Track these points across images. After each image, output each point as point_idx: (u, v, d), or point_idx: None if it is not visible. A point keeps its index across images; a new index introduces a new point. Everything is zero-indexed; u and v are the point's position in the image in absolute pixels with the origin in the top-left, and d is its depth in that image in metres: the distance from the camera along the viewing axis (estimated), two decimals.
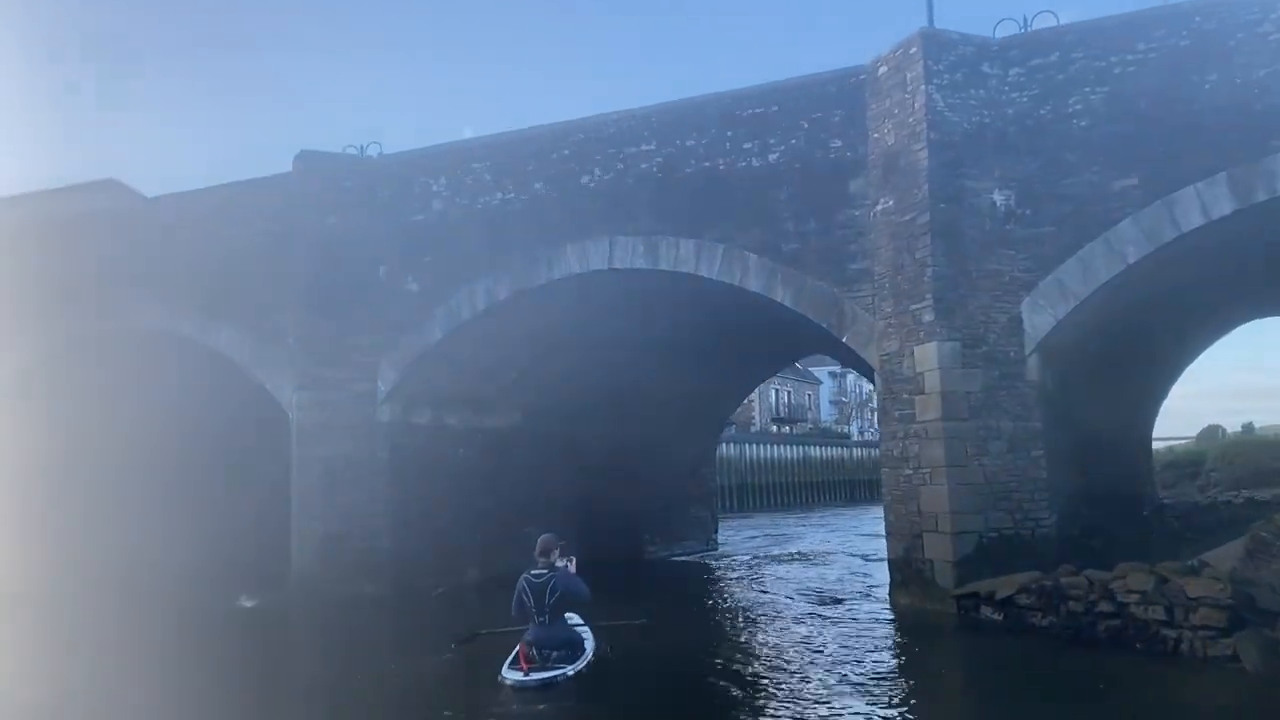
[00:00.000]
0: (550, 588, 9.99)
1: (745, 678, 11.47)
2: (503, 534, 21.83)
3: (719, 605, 18.01)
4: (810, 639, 13.62)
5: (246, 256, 20.50)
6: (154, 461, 23.73)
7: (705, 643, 14.25)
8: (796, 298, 16.29)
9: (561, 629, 10.30)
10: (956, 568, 14.18)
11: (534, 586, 10.04)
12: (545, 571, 10.11)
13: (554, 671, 10.02)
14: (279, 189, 20.20)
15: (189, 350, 21.72)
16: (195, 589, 20.42)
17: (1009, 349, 14.80)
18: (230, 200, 21.10)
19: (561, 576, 10.11)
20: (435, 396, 20.13)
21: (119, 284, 21.76)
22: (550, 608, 10.01)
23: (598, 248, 17.64)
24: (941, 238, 14.68)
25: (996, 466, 14.52)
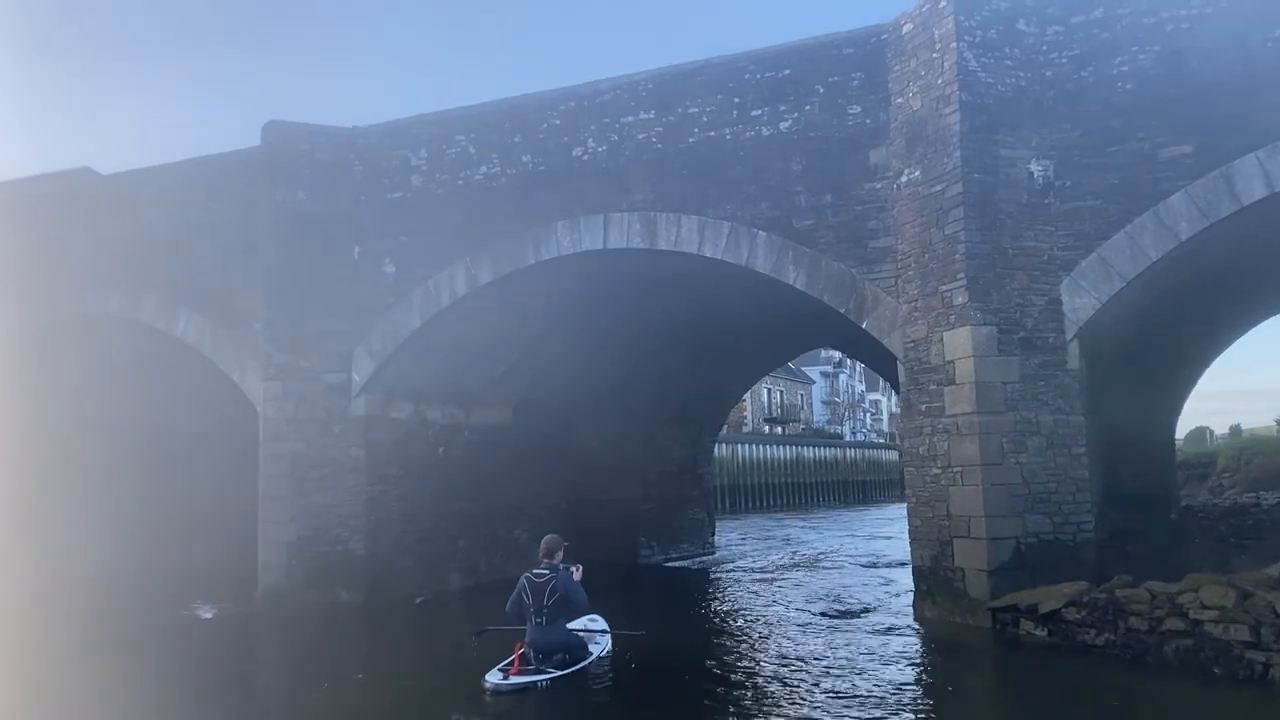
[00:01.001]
0: (550, 588, 9.95)
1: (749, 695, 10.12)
2: (489, 538, 20.41)
3: (721, 615, 16.54)
4: (826, 655, 12.16)
5: (210, 236, 18.97)
6: (115, 458, 22.17)
7: (706, 655, 12.98)
8: (810, 279, 14.84)
9: (559, 632, 10.17)
10: (991, 577, 12.75)
11: (534, 586, 10.02)
12: (547, 572, 10.09)
13: (534, 677, 9.98)
14: (246, 164, 18.65)
15: (151, 339, 20.16)
16: (153, 596, 18.89)
17: (1048, 334, 13.37)
18: (193, 176, 19.53)
19: (563, 578, 10.08)
20: (416, 389, 18.62)
21: (73, 269, 20.15)
22: (548, 609, 9.94)
23: (590, 226, 16.15)
24: (975, 211, 13.23)
25: (1035, 465, 13.08)
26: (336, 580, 17.33)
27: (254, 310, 18.05)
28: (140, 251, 19.66)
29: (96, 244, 20.00)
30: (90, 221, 20.18)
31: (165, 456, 22.25)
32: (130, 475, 21.66)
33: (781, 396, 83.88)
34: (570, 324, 19.27)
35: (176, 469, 22.43)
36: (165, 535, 21.43)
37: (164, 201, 19.66)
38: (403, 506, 18.31)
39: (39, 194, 21.02)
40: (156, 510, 21.55)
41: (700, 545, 26.63)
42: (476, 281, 16.83)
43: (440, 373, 18.70)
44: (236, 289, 18.54)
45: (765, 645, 13.33)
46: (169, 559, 21.23)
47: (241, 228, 18.49)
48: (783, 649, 12.84)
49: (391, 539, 18.09)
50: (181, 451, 22.58)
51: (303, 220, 17.70)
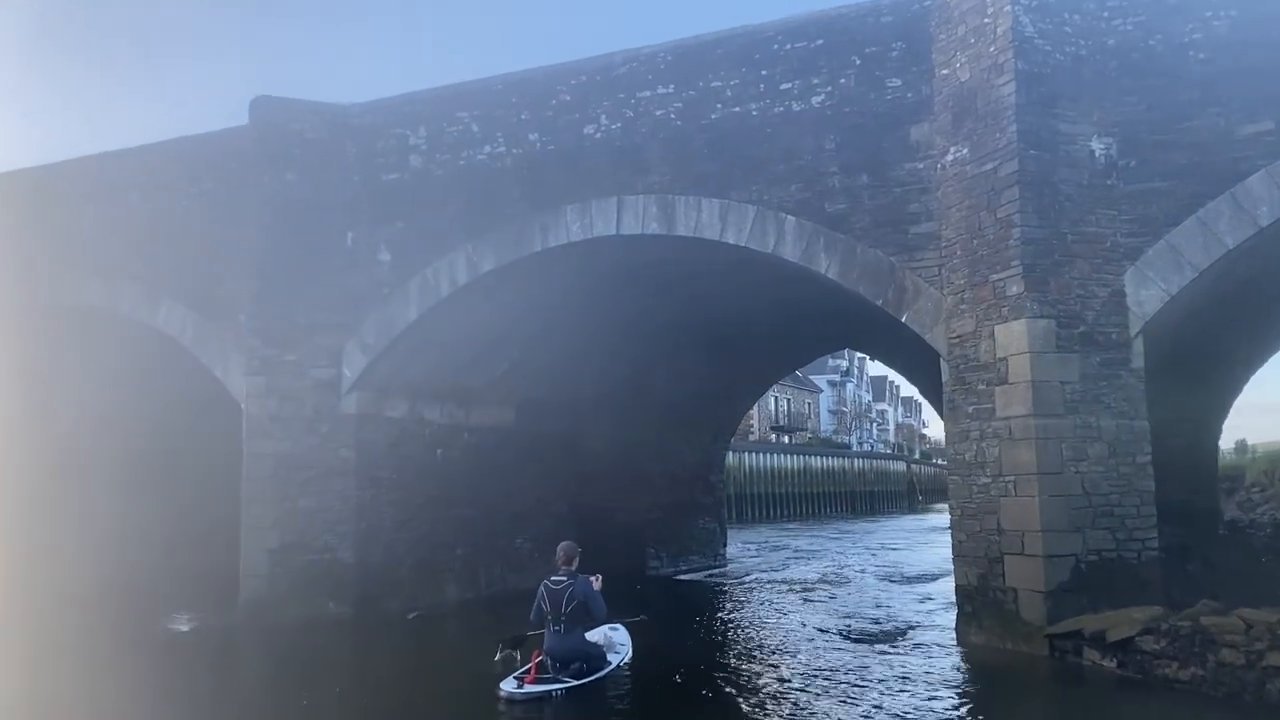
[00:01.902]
0: (568, 595, 9.90)
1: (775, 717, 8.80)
2: (489, 547, 19.09)
3: (743, 631, 15.20)
4: (860, 680, 10.87)
5: (194, 221, 17.70)
6: (93, 457, 20.82)
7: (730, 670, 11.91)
8: (844, 268, 13.52)
9: (577, 640, 10.07)
10: (1048, 599, 11.40)
11: (552, 593, 9.97)
12: (565, 579, 10.02)
13: (550, 686, 9.88)
14: (231, 144, 17.38)
15: (133, 331, 18.87)
16: (131, 605, 17.56)
17: (1110, 330, 12.05)
18: (176, 157, 18.23)
19: (580, 585, 10.00)
20: (412, 386, 17.30)
21: (48, 257, 18.85)
22: (566, 616, 9.88)
23: (603, 210, 14.84)
24: (1032, 191, 11.91)
25: (1097, 475, 11.75)
26: (323, 591, 16.01)
27: (239, 301, 16.78)
28: (120, 238, 18.37)
29: (72, 230, 18.68)
30: (65, 206, 18.86)
31: (150, 457, 20.91)
32: (111, 476, 20.33)
33: (789, 405, 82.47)
34: (578, 318, 17.95)
35: (162, 470, 21.09)
36: (148, 540, 20.07)
37: (145, 185, 18.36)
38: (396, 512, 17.00)
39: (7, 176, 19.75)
40: (140, 514, 20.20)
41: (711, 557, 25.28)
42: (478, 270, 15.53)
43: (438, 369, 17.40)
44: (221, 278, 17.26)
45: (793, 664, 12.04)
46: (152, 565, 19.88)
47: (227, 212, 17.24)
48: (811, 670, 11.56)
49: (383, 548, 16.77)
50: (168, 452, 21.24)
51: (291, 203, 16.41)
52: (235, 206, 17.00)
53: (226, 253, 17.11)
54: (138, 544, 19.69)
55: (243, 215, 16.81)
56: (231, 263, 17.04)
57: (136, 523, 19.87)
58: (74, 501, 20.12)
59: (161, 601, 17.96)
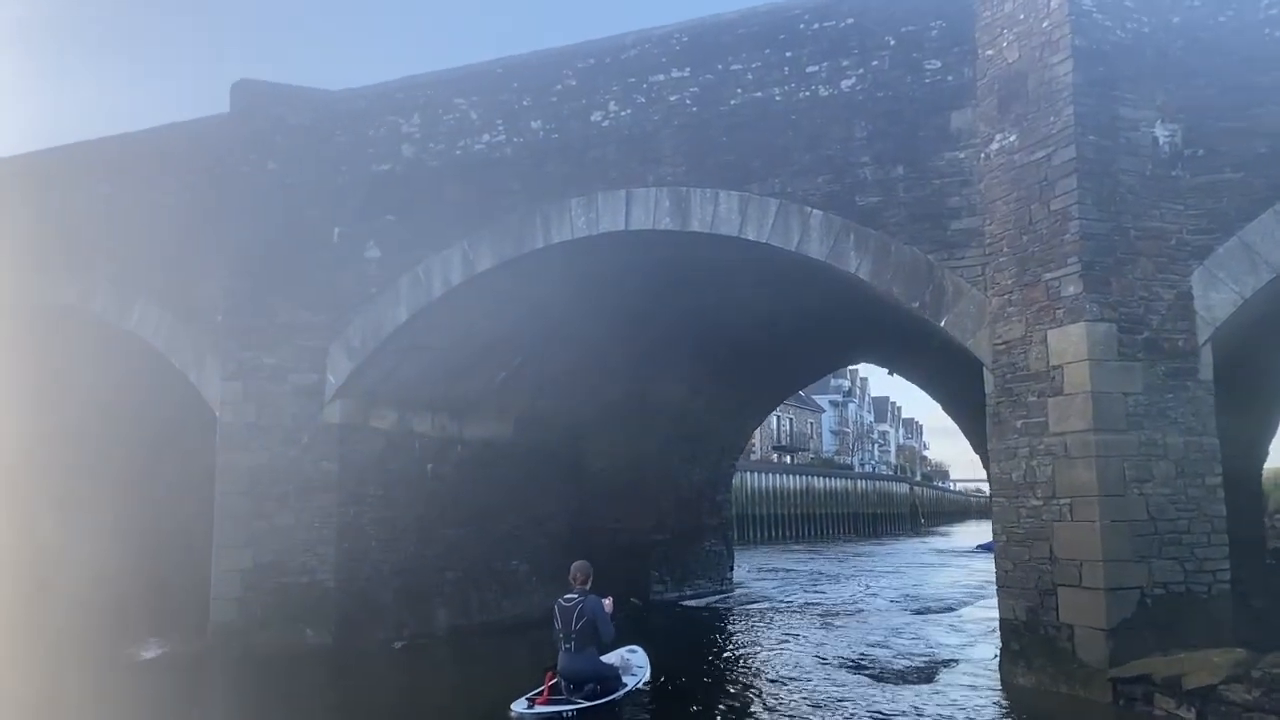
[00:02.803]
0: (578, 612, 9.86)
1: None
2: (482, 570, 17.78)
3: (759, 668, 13.86)
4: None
5: (169, 215, 16.46)
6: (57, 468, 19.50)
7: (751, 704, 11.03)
8: (876, 267, 12.28)
9: (589, 660, 10.01)
10: (1110, 637, 10.11)
11: (564, 610, 9.95)
12: (576, 596, 9.99)
13: (561, 706, 9.77)
14: (212, 133, 16.19)
15: (104, 333, 17.61)
16: (91, 628, 16.19)
17: (1176, 337, 10.81)
18: (152, 147, 17.02)
19: (590, 603, 9.94)
20: (401, 395, 16.04)
21: (12, 253, 17.57)
22: (576, 634, 9.83)
23: (610, 203, 13.63)
24: (1091, 181, 10.70)
25: (1163, 498, 10.49)
26: (300, 617, 14.70)
27: (214, 300, 15.57)
28: (91, 233, 17.13)
29: (40, 225, 17.42)
30: (33, 199, 17.62)
31: (119, 467, 19.60)
32: (76, 488, 19.02)
33: (791, 424, 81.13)
34: (581, 324, 16.71)
35: (132, 483, 19.78)
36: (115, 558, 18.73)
37: (119, 176, 17.14)
38: (381, 532, 15.70)
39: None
40: (106, 529, 18.88)
41: (718, 581, 23.95)
42: (474, 268, 14.30)
43: (430, 377, 16.13)
44: (197, 276, 16.03)
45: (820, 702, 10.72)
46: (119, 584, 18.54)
47: (206, 205, 16.03)
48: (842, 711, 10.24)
49: (367, 570, 15.47)
50: (139, 462, 19.94)
51: (273, 195, 15.22)
52: (214, 199, 15.81)
53: (204, 249, 15.90)
54: (104, 561, 18.32)
55: (222, 208, 15.62)
56: (209, 259, 15.83)
57: (102, 539, 18.52)
58: (35, 515, 18.79)
59: (127, 624, 16.60)
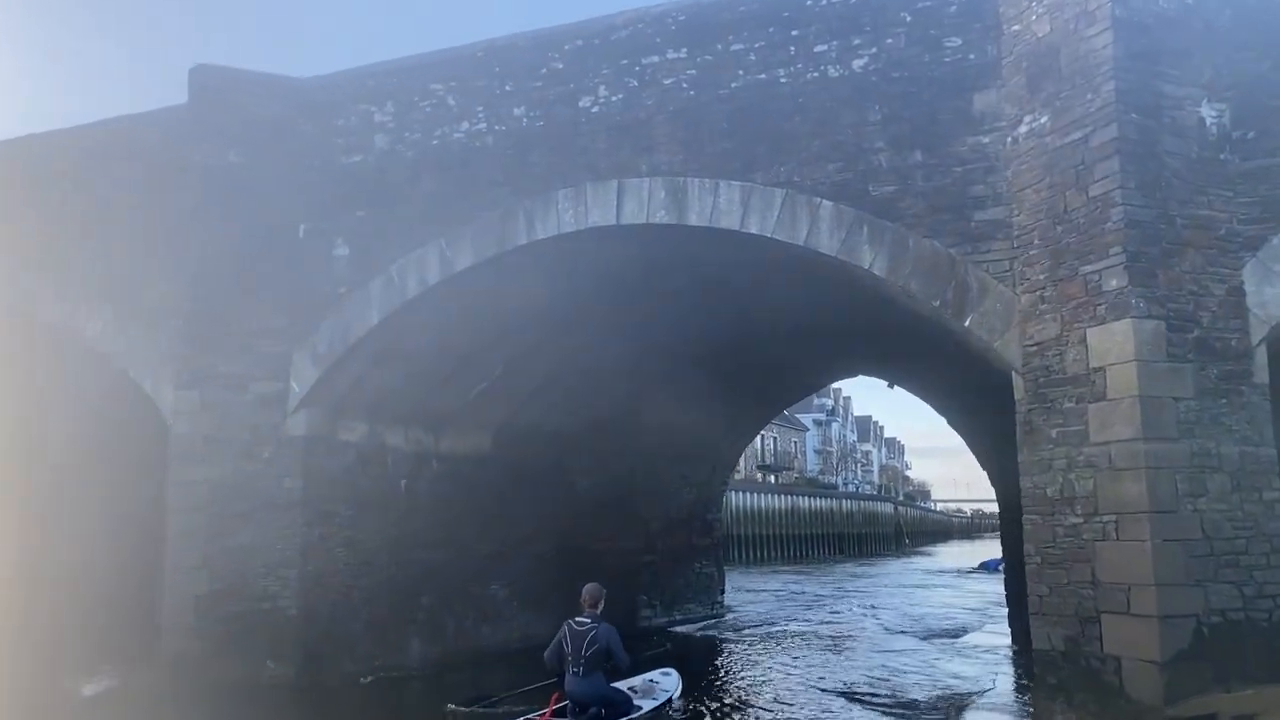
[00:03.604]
0: (590, 638, 9.60)
1: None
2: (460, 595, 16.56)
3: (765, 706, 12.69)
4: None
5: (123, 212, 15.26)
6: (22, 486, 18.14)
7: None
8: (892, 263, 11.22)
9: (596, 684, 9.79)
10: (1165, 671, 9.00)
11: (574, 634, 9.71)
12: (589, 621, 9.77)
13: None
14: (169, 124, 15.03)
15: (52, 337, 16.33)
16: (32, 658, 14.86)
17: (1229, 336, 9.79)
18: (106, 141, 15.81)
19: (604, 629, 9.70)
20: (372, 406, 14.85)
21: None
22: (585, 659, 9.58)
23: (600, 195, 12.54)
24: (1134, 163, 9.68)
25: (1218, 514, 9.42)
26: (260, 647, 13.45)
27: (169, 302, 14.37)
28: (40, 231, 15.88)
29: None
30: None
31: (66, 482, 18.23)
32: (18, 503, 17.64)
33: (775, 443, 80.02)
34: (568, 330, 15.59)
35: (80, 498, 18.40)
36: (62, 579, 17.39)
37: (71, 171, 15.91)
38: (350, 553, 14.49)
39: None
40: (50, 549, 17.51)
41: (709, 605, 22.77)
42: (453, 267, 13.16)
43: (404, 386, 14.95)
44: (153, 277, 14.84)
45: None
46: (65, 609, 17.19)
47: (162, 201, 14.84)
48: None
49: (334, 595, 14.24)
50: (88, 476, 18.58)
51: (234, 189, 14.05)
52: (171, 194, 14.62)
53: (160, 247, 14.72)
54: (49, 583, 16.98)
55: (179, 204, 14.42)
56: (165, 259, 14.65)
57: (47, 559, 17.16)
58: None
59: (72, 654, 15.27)
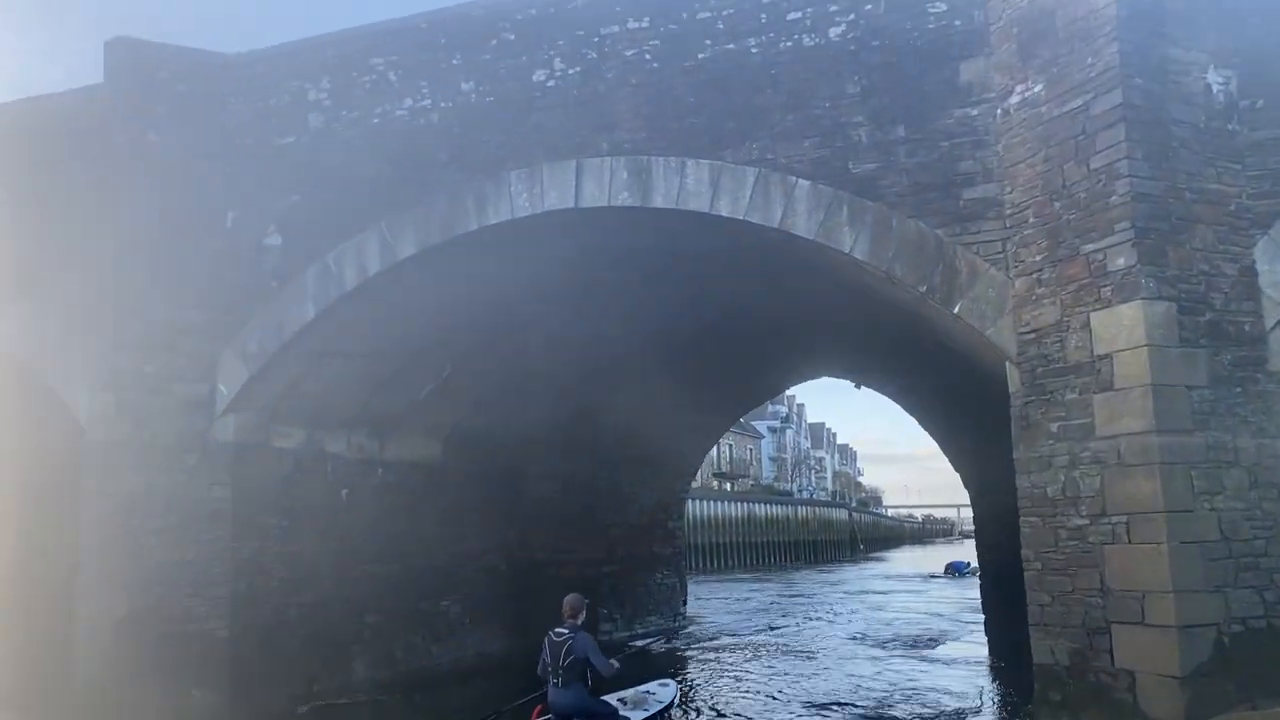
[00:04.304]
0: (567, 649, 9.51)
1: None
2: (408, 612, 15.44)
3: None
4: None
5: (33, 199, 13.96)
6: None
7: None
8: (875, 245, 10.35)
9: (577, 694, 9.65)
10: (1186, 687, 8.18)
11: (553, 645, 9.65)
12: (566, 631, 9.63)
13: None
14: (85, 104, 13.80)
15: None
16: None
17: (1242, 320, 9.05)
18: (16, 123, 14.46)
19: (581, 640, 9.59)
20: (310, 409, 13.72)
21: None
22: (564, 670, 9.53)
23: (557, 176, 11.56)
24: (1141, 132, 8.91)
25: (1236, 513, 8.66)
26: (186, 674, 12.23)
27: (83, 296, 13.10)
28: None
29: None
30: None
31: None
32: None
33: (731, 450, 79.31)
34: (521, 326, 14.59)
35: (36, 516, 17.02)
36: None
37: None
38: (286, 570, 13.33)
39: None
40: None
41: (671, 617, 21.80)
42: (395, 255, 12.10)
43: (344, 388, 13.84)
44: (67, 269, 13.55)
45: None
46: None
47: (76, 187, 13.58)
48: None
49: (269, 615, 13.07)
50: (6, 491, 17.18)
51: (155, 173, 12.86)
52: (86, 180, 13.38)
53: (74, 237, 13.44)
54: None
55: (95, 190, 13.20)
56: (81, 250, 13.38)
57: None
58: None
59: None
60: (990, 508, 17.49)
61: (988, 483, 17.34)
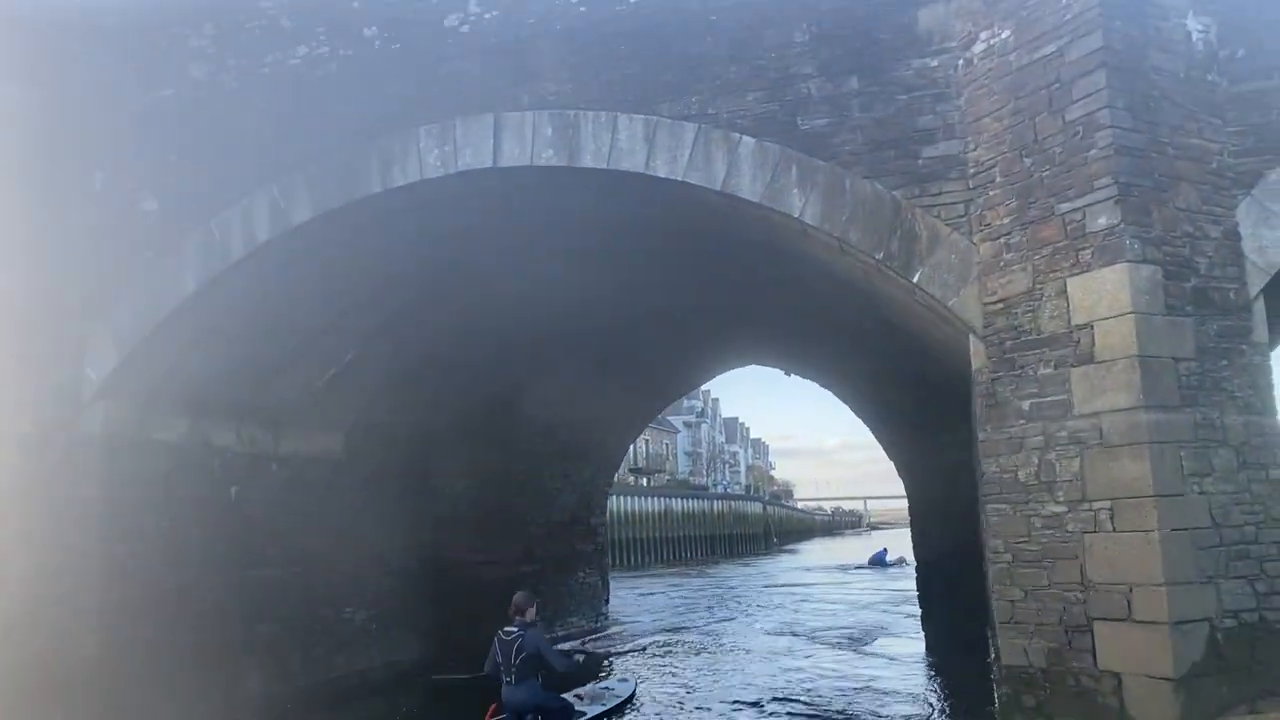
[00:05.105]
0: (517, 647, 9.64)
1: None
2: (308, 620, 14.11)
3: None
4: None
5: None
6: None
7: None
8: (827, 208, 9.39)
9: (530, 690, 9.71)
10: (1180, 690, 7.39)
11: (503, 644, 9.76)
12: (515, 629, 9.75)
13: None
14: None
15: None
16: None
17: (1227, 287, 8.31)
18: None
19: (530, 637, 9.71)
20: (193, 397, 12.28)
21: None
22: (517, 668, 9.63)
23: (473, 132, 10.36)
24: (1121, 79, 8.10)
25: (1226, 497, 7.90)
26: (50, 696, 10.74)
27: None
28: None
29: None
30: None
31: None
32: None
33: (647, 446, 78.61)
34: (433, 305, 13.33)
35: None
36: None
37: None
38: (167, 577, 11.90)
39: None
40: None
41: (594, 617, 20.73)
42: (288, 221, 10.75)
43: (233, 373, 12.43)
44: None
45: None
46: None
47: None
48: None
49: (147, 629, 11.62)
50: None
51: (11, 132, 11.26)
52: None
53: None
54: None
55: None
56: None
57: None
58: None
59: None
60: (927, 497, 16.80)
61: (925, 472, 16.66)
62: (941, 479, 15.97)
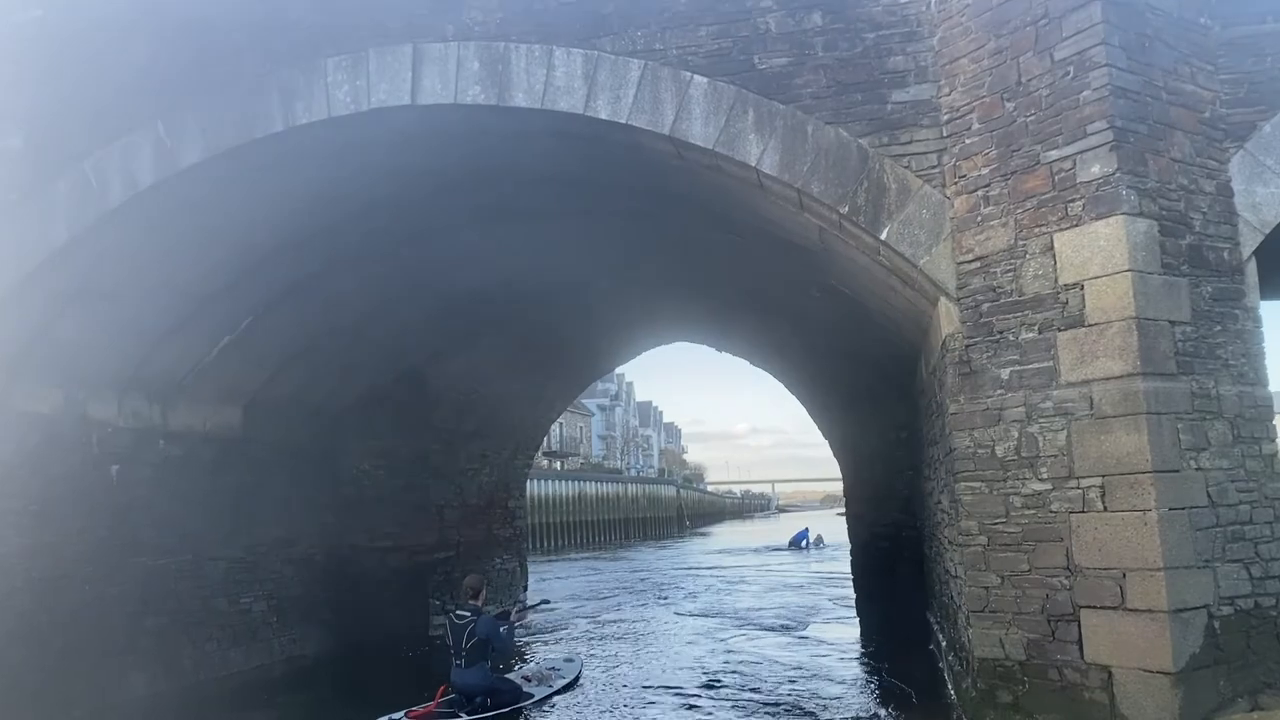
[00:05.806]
0: (469, 632, 9.78)
1: None
2: (199, 612, 12.83)
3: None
4: None
5: None
6: None
7: None
8: (786, 157, 8.49)
9: (479, 674, 9.87)
10: (1179, 685, 6.71)
11: (455, 628, 9.91)
12: (469, 614, 9.90)
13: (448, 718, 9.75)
14: None
15: None
16: None
17: (1221, 246, 7.66)
18: None
19: (483, 623, 9.85)
20: (68, 365, 10.89)
21: None
22: (467, 651, 9.76)
23: (388, 65, 9.19)
24: (1118, 14, 7.36)
25: (1222, 473, 7.26)
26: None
27: None
28: None
29: None
30: None
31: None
32: None
33: (561, 429, 77.33)
34: (341, 267, 12.10)
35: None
36: None
37: None
38: (35, 566, 10.56)
39: None
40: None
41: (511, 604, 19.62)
42: (176, 163, 9.45)
43: (114, 339, 11.06)
44: None
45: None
46: None
47: None
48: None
49: (12, 624, 10.30)
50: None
51: None
52: None
53: None
54: None
55: None
56: None
57: None
58: None
59: None
60: (863, 479, 16.15)
61: (862, 451, 16.00)
62: (881, 460, 15.34)
